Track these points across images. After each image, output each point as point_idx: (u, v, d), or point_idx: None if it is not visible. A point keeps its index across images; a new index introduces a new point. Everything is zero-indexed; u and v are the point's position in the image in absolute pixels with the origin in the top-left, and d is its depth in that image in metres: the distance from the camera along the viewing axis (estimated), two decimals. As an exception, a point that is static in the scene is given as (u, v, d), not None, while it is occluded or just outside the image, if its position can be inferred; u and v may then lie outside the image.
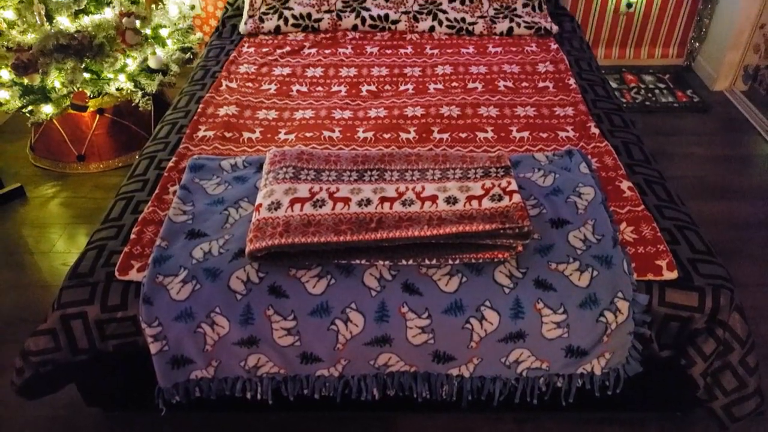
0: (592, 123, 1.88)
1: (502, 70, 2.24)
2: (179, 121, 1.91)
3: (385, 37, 2.50)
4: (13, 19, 2.14)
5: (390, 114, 1.96)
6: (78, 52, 2.14)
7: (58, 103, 2.26)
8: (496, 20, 2.53)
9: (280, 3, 2.54)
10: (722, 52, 3.14)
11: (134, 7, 2.34)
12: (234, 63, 2.27)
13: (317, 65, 2.28)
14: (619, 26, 3.41)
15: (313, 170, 1.50)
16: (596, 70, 2.28)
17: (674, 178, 2.49)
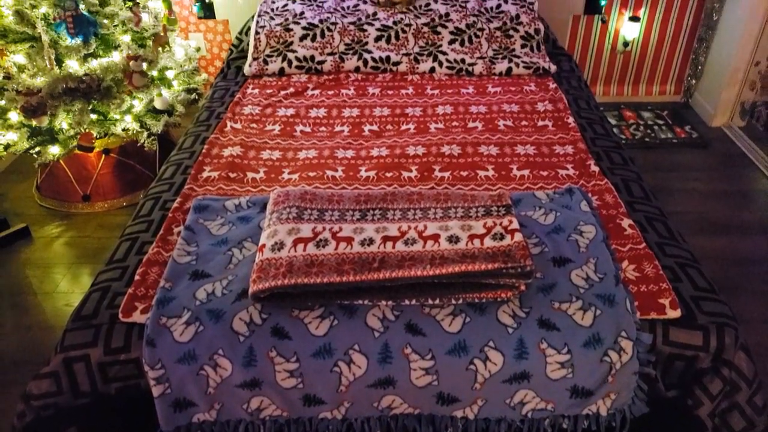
0: (592, 161, 1.90)
1: (502, 109, 2.27)
2: (184, 161, 1.94)
3: (387, 78, 2.54)
4: (24, 63, 2.20)
5: (392, 153, 1.98)
6: (86, 94, 2.19)
7: (65, 144, 2.30)
8: (495, 61, 2.58)
9: (284, 46, 2.60)
10: (719, 89, 3.19)
11: (142, 50, 2.40)
12: (239, 104, 2.31)
13: (320, 106, 2.32)
14: (617, 64, 3.48)
15: (316, 210, 1.51)
16: (595, 109, 2.32)
17: (675, 213, 2.50)
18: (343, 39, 2.61)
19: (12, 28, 2.16)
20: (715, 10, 3.19)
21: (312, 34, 2.61)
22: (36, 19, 2.13)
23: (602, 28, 3.36)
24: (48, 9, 2.14)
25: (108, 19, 2.31)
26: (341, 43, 2.61)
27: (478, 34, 2.64)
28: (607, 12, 3.31)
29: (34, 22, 2.13)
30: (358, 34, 2.62)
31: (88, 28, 2.19)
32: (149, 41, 2.45)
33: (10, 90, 2.13)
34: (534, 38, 2.66)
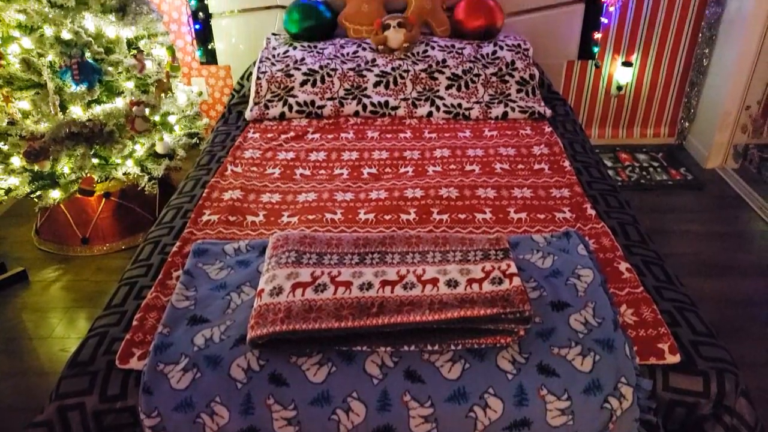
0: (588, 204, 1.92)
1: (499, 152, 2.30)
2: (184, 205, 1.95)
3: (386, 122, 2.58)
4: (28, 109, 2.24)
5: (390, 196, 2.00)
6: (88, 139, 2.22)
7: (66, 188, 2.32)
8: (492, 105, 2.63)
9: (285, 91, 2.65)
10: (711, 131, 3.24)
11: (144, 96, 2.45)
12: (239, 148, 2.34)
13: (320, 149, 2.35)
14: (611, 107, 3.55)
15: (315, 254, 1.52)
16: (590, 152, 2.35)
17: (672, 255, 2.51)
18: (342, 84, 2.66)
19: (18, 76, 2.21)
20: (705, 56, 3.27)
21: (312, 79, 2.67)
22: (42, 66, 2.18)
23: (596, 72, 3.44)
24: (54, 57, 2.20)
25: (113, 66, 2.36)
26: (341, 88, 2.66)
27: (474, 79, 2.70)
28: (600, 58, 3.39)
29: (40, 69, 2.18)
30: (357, 79, 2.68)
31: (92, 75, 2.24)
32: (152, 87, 2.50)
33: (13, 135, 2.17)
34: (529, 83, 2.72)
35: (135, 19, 2.37)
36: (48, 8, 2.18)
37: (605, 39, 3.34)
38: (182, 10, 3.23)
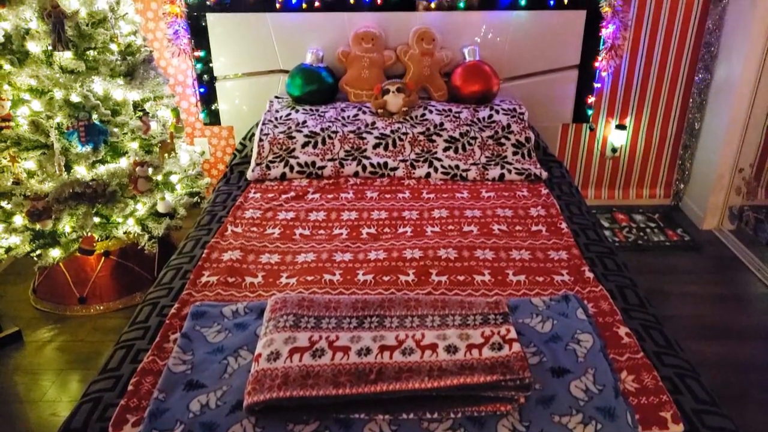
0: (586, 267, 1.93)
1: (496, 214, 2.33)
2: (184, 266, 1.96)
3: (385, 183, 2.62)
4: (34, 169, 2.27)
5: (389, 256, 2.01)
6: (91, 198, 2.25)
7: (66, 247, 2.33)
8: (488, 167, 2.68)
9: (287, 152, 2.70)
10: (706, 193, 3.29)
11: (148, 156, 2.49)
12: (240, 208, 2.37)
13: (320, 209, 2.37)
14: (607, 169, 3.61)
15: (313, 317, 1.52)
16: (587, 214, 2.38)
17: (672, 318, 2.50)
18: (343, 146, 2.72)
19: (26, 137, 2.25)
20: (696, 120, 3.36)
21: (314, 141, 2.72)
22: (50, 128, 2.23)
23: (591, 135, 3.52)
24: (63, 119, 2.25)
25: (118, 127, 2.41)
26: (341, 149, 2.71)
27: (471, 142, 2.75)
28: (595, 121, 3.48)
29: (47, 131, 2.23)
30: (357, 141, 2.73)
31: (98, 136, 2.29)
32: (156, 148, 2.55)
33: (17, 195, 2.19)
34: (525, 146, 2.78)
35: (142, 83, 2.44)
36: (59, 73, 2.25)
37: (599, 103, 3.43)
38: (188, 74, 3.33)
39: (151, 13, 3.19)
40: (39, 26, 2.20)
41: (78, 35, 2.27)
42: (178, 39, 3.13)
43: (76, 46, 2.29)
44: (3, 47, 2.23)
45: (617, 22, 3.10)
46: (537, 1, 3.07)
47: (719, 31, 3.14)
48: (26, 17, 2.20)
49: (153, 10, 3.18)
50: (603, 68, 3.24)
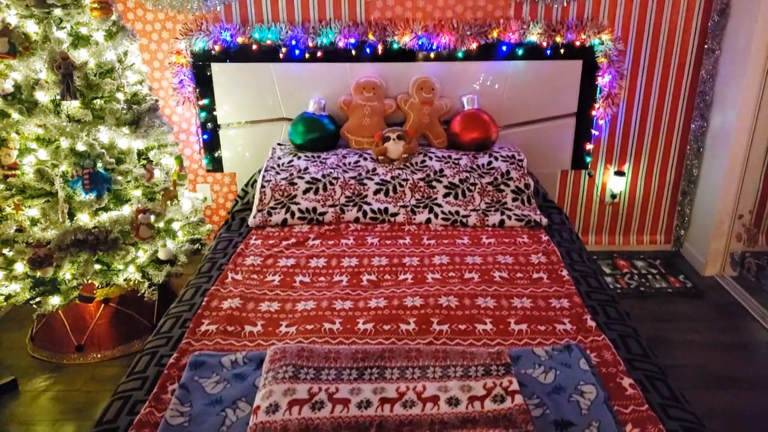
0: (588, 315, 1.92)
1: (497, 260, 2.33)
2: (183, 314, 1.95)
3: (385, 229, 2.62)
4: (37, 216, 2.29)
5: (390, 304, 2.00)
6: (93, 246, 2.25)
7: (66, 295, 2.32)
8: (488, 213, 2.69)
9: (288, 199, 2.72)
10: (707, 239, 3.29)
11: (151, 203, 2.51)
12: (241, 255, 2.37)
13: (320, 256, 2.37)
14: (606, 215, 3.62)
15: (312, 368, 1.50)
16: (587, 261, 2.38)
17: (676, 367, 2.47)
18: (344, 192, 2.74)
19: (31, 185, 2.28)
20: (694, 166, 3.39)
21: (315, 187, 2.75)
22: (55, 176, 2.26)
23: (590, 181, 3.55)
24: (68, 167, 2.28)
25: (122, 175, 2.44)
26: (342, 195, 2.74)
27: (471, 188, 2.78)
28: (593, 167, 3.51)
29: (52, 179, 2.25)
30: (358, 187, 2.76)
31: (102, 184, 2.31)
32: (159, 195, 2.57)
33: (20, 243, 2.20)
34: (524, 192, 2.80)
35: (147, 132, 2.48)
36: (66, 122, 2.29)
37: (597, 150, 3.47)
38: (192, 121, 3.38)
39: (157, 62, 3.27)
40: (48, 77, 2.26)
41: (86, 85, 2.33)
42: (183, 88, 3.20)
43: (84, 96, 2.34)
44: (12, 97, 2.28)
45: (613, 71, 3.17)
46: (534, 52, 3.15)
47: (713, 80, 3.21)
48: (36, 68, 2.26)
49: (159, 60, 3.26)
50: (600, 116, 3.30)
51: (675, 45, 3.24)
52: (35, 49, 2.25)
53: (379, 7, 3.15)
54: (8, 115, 2.28)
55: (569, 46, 3.14)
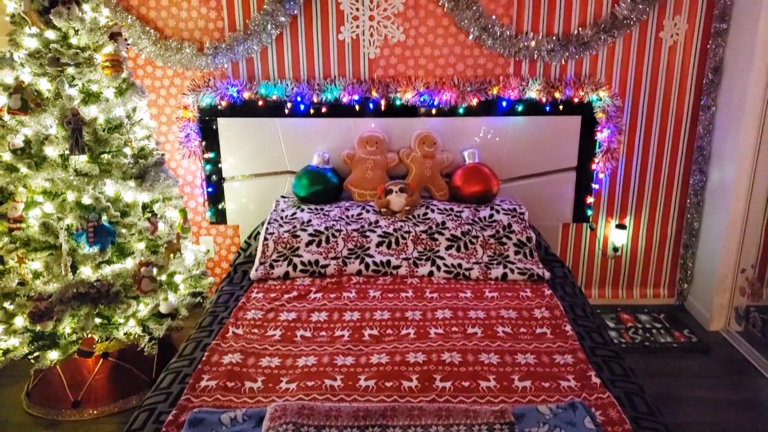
0: (593, 372, 1.89)
1: (500, 315, 2.31)
2: (183, 369, 1.93)
3: (387, 281, 2.62)
4: (40, 269, 2.29)
5: (392, 360, 1.97)
6: (94, 299, 2.25)
7: (65, 349, 2.30)
8: (491, 266, 2.69)
9: (291, 251, 2.73)
10: (711, 293, 3.27)
11: (154, 256, 2.52)
12: (242, 309, 2.36)
13: (322, 309, 2.36)
14: (609, 268, 3.61)
15: (313, 427, 1.48)
16: (591, 315, 2.36)
17: (684, 425, 2.42)
18: (346, 244, 2.75)
19: (35, 238, 2.30)
20: (695, 220, 3.40)
21: (318, 240, 2.76)
22: (60, 229, 2.27)
23: (591, 234, 3.56)
24: (72, 220, 2.30)
25: (126, 228, 2.46)
26: (345, 248, 2.75)
27: (473, 241, 2.79)
28: (595, 220, 3.53)
29: (57, 232, 2.27)
30: (360, 239, 2.77)
31: (106, 237, 2.33)
32: (162, 248, 2.58)
33: (21, 296, 2.20)
34: (526, 245, 2.81)
35: (153, 185, 2.51)
36: (73, 176, 2.33)
37: (598, 203, 3.50)
38: (197, 174, 3.43)
39: (164, 117, 3.34)
40: (58, 132, 2.31)
41: (94, 140, 2.37)
42: (189, 142, 3.26)
43: (92, 150, 2.38)
44: (22, 152, 2.32)
45: (612, 126, 3.23)
46: (533, 107, 3.22)
47: (710, 135, 3.27)
48: (47, 124, 2.31)
49: (167, 114, 3.34)
50: (600, 170, 3.34)
51: (671, 101, 3.31)
52: (47, 105, 2.31)
53: (382, 65, 3.25)
54: (17, 170, 2.32)
55: (568, 102, 3.21)
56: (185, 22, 3.18)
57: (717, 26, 3.11)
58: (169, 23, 3.18)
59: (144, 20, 3.16)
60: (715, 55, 3.15)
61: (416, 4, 3.15)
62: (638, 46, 3.21)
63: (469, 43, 3.21)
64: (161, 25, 3.18)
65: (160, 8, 3.15)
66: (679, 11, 3.15)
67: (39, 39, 2.34)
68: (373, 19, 3.17)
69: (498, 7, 3.15)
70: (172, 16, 3.16)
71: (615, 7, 3.10)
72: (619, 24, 3.11)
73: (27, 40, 2.33)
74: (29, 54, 2.31)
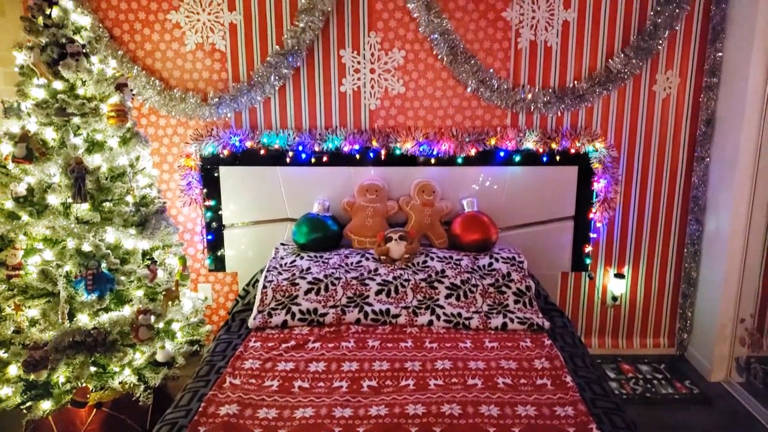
0: (594, 424, 1.87)
1: (500, 366, 2.29)
2: (179, 420, 1.89)
3: (386, 331, 2.60)
4: (37, 317, 2.28)
5: (391, 412, 1.94)
6: (91, 348, 2.23)
7: (59, 399, 2.26)
8: (491, 315, 2.68)
9: (289, 299, 2.72)
10: (711, 343, 3.25)
11: (152, 304, 2.51)
12: (239, 358, 2.33)
13: (320, 359, 2.34)
14: (609, 318, 3.60)
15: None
16: (591, 367, 2.34)
17: (689, 480, 2.36)
18: (345, 293, 2.75)
19: (33, 285, 2.29)
20: (693, 270, 3.41)
21: (317, 288, 2.76)
22: (58, 277, 2.27)
23: (590, 284, 3.56)
24: (72, 267, 2.30)
25: (125, 275, 2.46)
26: (344, 296, 2.74)
27: (472, 289, 2.79)
28: (593, 269, 3.54)
29: (55, 279, 2.27)
30: (360, 288, 2.77)
31: (105, 285, 2.32)
32: (161, 295, 2.57)
33: (16, 344, 2.18)
34: (526, 294, 2.80)
35: (153, 233, 2.52)
36: (74, 223, 2.34)
37: (596, 252, 3.51)
38: (197, 221, 3.45)
39: (167, 165, 3.38)
40: (61, 180, 2.33)
41: (97, 188, 2.40)
42: (191, 189, 3.29)
43: (94, 198, 2.40)
44: (24, 199, 2.34)
45: (608, 177, 3.28)
46: (531, 158, 3.27)
47: (705, 186, 3.31)
48: (50, 172, 2.34)
49: (169, 162, 3.38)
50: (598, 219, 3.37)
51: (666, 152, 3.37)
52: (51, 154, 2.34)
53: (382, 116, 3.32)
54: (18, 217, 2.33)
55: (565, 153, 3.26)
56: (190, 72, 3.26)
57: (708, 80, 3.20)
58: (174, 74, 3.26)
59: (149, 71, 3.24)
60: (707, 108, 3.23)
61: (416, 58, 3.24)
62: (632, 98, 3.29)
63: (468, 95, 3.29)
64: (166, 76, 3.26)
65: (166, 59, 3.24)
66: (671, 66, 3.25)
67: (46, 89, 2.39)
68: (374, 72, 3.26)
69: (495, 61, 3.24)
70: (177, 67, 3.25)
71: (609, 62, 3.20)
72: (614, 77, 3.20)
73: (35, 90, 2.38)
74: (36, 104, 2.36)
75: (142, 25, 3.20)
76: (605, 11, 3.19)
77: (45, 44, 2.36)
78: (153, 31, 3.20)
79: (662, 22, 3.10)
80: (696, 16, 3.20)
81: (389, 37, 3.22)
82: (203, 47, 3.22)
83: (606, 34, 3.21)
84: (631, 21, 3.19)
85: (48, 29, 2.36)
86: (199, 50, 3.23)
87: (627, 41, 3.21)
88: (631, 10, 3.18)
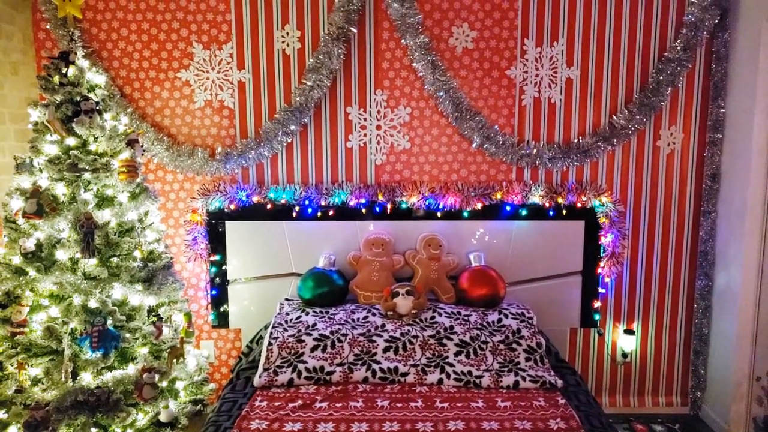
0: (618, 491, 1.79)
1: (515, 426, 2.22)
2: (183, 487, 1.82)
3: (395, 390, 2.54)
4: (40, 376, 2.22)
5: (404, 478, 1.87)
6: (93, 408, 2.16)
7: (57, 462, 2.18)
8: (502, 374, 2.62)
9: (295, 357, 2.66)
10: (726, 402, 3.17)
11: (156, 362, 2.45)
12: (246, 418, 2.26)
13: (328, 420, 2.27)
14: (619, 375, 3.52)
15: None
16: (607, 427, 2.27)
17: None
18: (352, 350, 2.69)
19: (38, 343, 2.24)
20: (704, 325, 3.36)
21: (323, 345, 2.70)
22: (63, 334, 2.23)
23: (600, 340, 3.50)
24: (77, 324, 2.26)
25: (131, 332, 2.41)
26: (350, 353, 2.68)
27: (482, 346, 2.73)
28: (602, 325, 3.48)
29: (60, 337, 2.22)
30: (367, 345, 2.71)
31: (110, 342, 2.27)
32: (165, 353, 2.51)
33: (17, 404, 2.11)
34: (537, 351, 2.75)
35: (160, 289, 2.49)
36: (81, 279, 2.31)
37: (605, 307, 3.47)
38: (201, 277, 3.41)
39: (172, 220, 3.38)
40: (70, 236, 2.32)
41: (105, 243, 2.38)
42: (196, 244, 3.28)
43: (102, 254, 2.38)
44: (32, 255, 2.32)
45: (615, 231, 3.27)
46: (537, 212, 3.27)
47: (713, 240, 3.30)
48: (60, 227, 2.33)
49: (174, 217, 3.37)
50: (606, 274, 3.34)
51: (672, 206, 3.38)
52: (61, 209, 2.34)
53: (388, 171, 3.34)
54: (25, 273, 2.31)
55: (571, 207, 3.27)
56: (198, 129, 3.30)
57: (712, 136, 3.25)
58: (183, 130, 3.30)
59: (158, 127, 3.28)
60: (711, 162, 3.26)
61: (421, 115, 3.30)
62: (637, 153, 3.33)
63: (473, 150, 3.32)
64: (174, 132, 3.30)
65: (174, 116, 3.28)
66: (674, 122, 3.30)
67: (59, 146, 2.41)
68: (380, 128, 3.30)
69: (500, 117, 3.29)
70: (186, 123, 3.29)
71: (613, 118, 3.25)
72: (618, 133, 3.25)
73: (48, 146, 2.40)
74: (49, 160, 2.38)
75: (153, 83, 3.26)
76: (608, 69, 3.26)
77: (60, 102, 2.40)
78: (163, 88, 3.26)
79: (664, 80, 3.17)
80: (697, 73, 3.27)
81: (395, 95, 3.28)
82: (212, 104, 3.28)
83: (609, 91, 3.28)
84: (634, 78, 3.26)
85: (63, 87, 2.40)
86: (207, 107, 3.28)
87: (630, 98, 3.27)
88: (633, 67, 3.25)
